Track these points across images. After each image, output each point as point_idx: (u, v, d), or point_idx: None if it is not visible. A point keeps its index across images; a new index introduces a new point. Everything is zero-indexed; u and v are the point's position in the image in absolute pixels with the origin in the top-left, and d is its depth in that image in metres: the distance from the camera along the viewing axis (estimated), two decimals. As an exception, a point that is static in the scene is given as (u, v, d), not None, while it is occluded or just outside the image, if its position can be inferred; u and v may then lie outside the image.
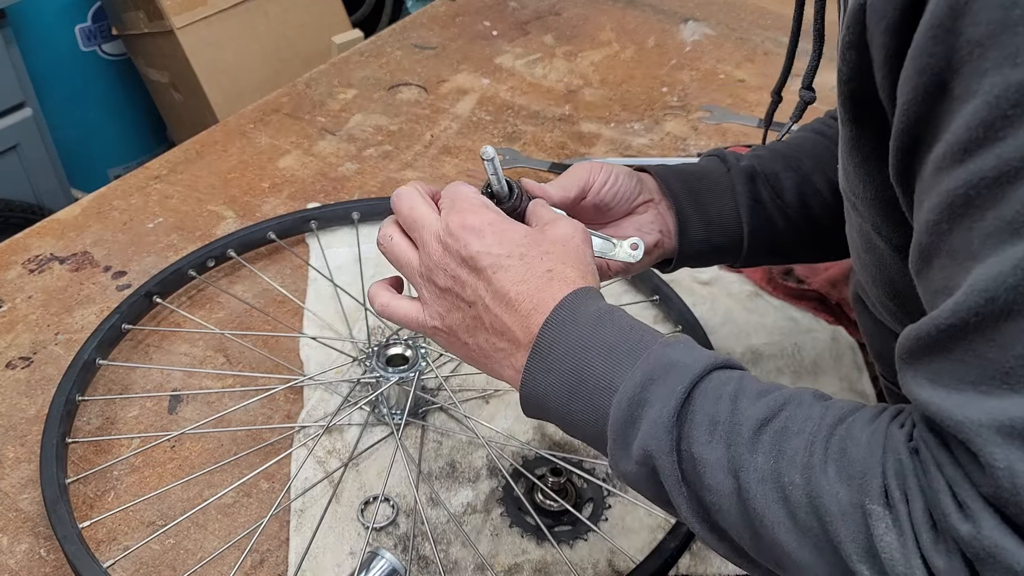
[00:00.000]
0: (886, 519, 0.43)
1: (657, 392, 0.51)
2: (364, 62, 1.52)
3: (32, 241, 1.12)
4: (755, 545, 0.49)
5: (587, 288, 0.57)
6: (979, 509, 0.40)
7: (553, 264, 0.58)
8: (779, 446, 0.48)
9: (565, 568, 0.77)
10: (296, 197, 1.20)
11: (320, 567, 0.77)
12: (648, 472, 0.52)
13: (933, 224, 0.43)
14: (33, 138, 2.02)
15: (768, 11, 1.66)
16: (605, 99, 1.41)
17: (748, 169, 0.77)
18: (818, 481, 0.45)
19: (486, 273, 0.57)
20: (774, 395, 0.50)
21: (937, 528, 0.42)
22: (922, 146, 0.44)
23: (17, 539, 0.80)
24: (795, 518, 0.46)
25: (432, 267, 0.60)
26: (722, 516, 0.50)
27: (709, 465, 0.49)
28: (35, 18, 2.18)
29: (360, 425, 0.88)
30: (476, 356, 0.60)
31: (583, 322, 0.55)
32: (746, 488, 0.48)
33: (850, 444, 0.46)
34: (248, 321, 1.01)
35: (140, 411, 0.91)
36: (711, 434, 0.49)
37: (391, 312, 0.63)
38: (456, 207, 0.60)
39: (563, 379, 0.55)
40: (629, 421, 0.52)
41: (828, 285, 1.00)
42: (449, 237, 0.59)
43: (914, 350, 0.44)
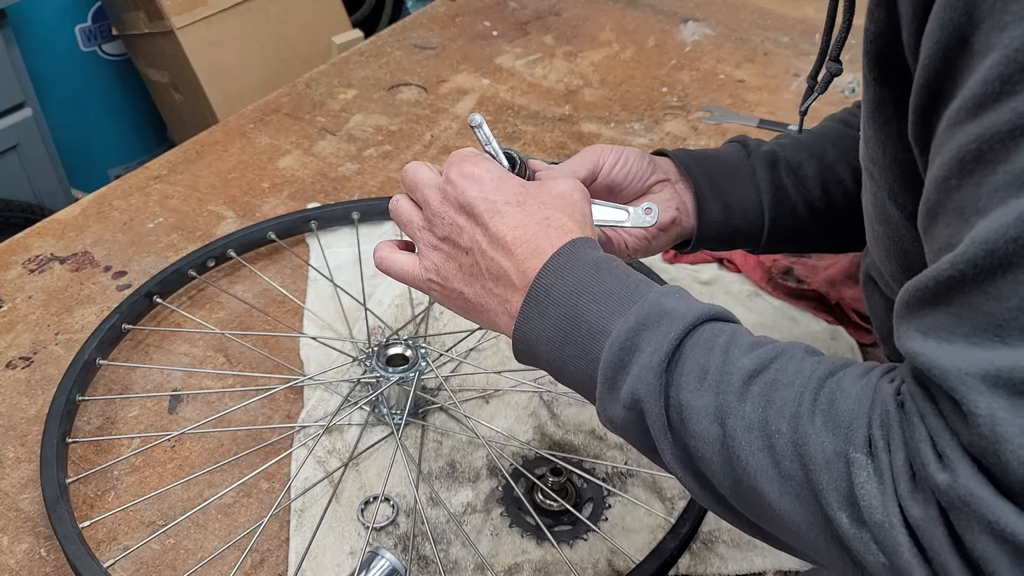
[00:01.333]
0: (868, 467, 0.43)
1: (649, 338, 0.51)
2: (364, 62, 1.52)
3: (32, 241, 1.12)
4: (735, 493, 0.49)
5: (586, 238, 0.58)
6: (957, 459, 0.40)
7: (551, 213, 0.59)
8: (768, 396, 0.48)
9: (565, 568, 0.77)
10: (296, 197, 1.20)
11: (320, 567, 0.77)
12: (635, 417, 0.52)
13: (942, 180, 0.43)
14: (33, 138, 2.02)
15: (768, 11, 1.66)
16: (605, 99, 1.41)
17: (770, 155, 0.77)
18: (804, 430, 0.46)
19: (483, 218, 0.58)
20: (766, 347, 0.50)
21: (916, 478, 0.42)
22: (940, 103, 0.44)
23: (17, 539, 0.80)
24: (779, 466, 0.46)
25: (431, 217, 0.61)
26: (705, 463, 0.50)
27: (696, 412, 0.49)
28: (35, 18, 2.18)
29: (360, 425, 0.88)
30: (471, 306, 0.60)
31: (580, 269, 0.55)
32: (732, 436, 0.48)
33: (839, 396, 0.46)
34: (248, 321, 1.01)
35: (140, 411, 0.91)
36: (700, 382, 0.50)
37: (388, 265, 0.65)
38: (455, 161, 0.62)
39: (557, 323, 0.55)
40: (619, 365, 0.52)
41: (827, 285, 1.00)
42: (448, 185, 0.61)
43: (910, 303, 0.44)
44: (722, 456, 0.49)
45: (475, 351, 0.97)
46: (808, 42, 1.56)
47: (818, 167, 0.78)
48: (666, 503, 0.82)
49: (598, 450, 0.87)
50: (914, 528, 0.42)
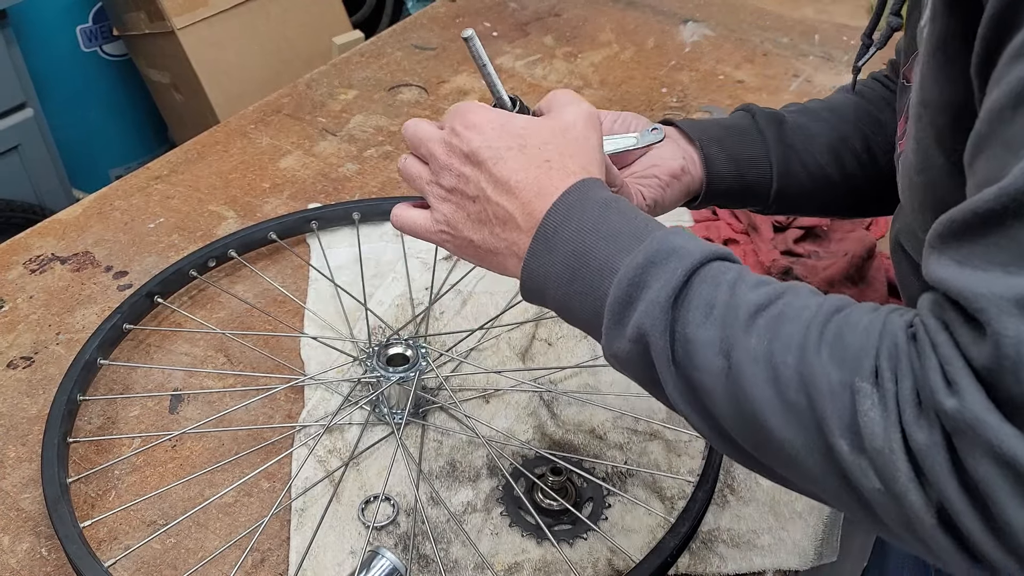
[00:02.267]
0: (872, 396, 0.44)
1: (657, 274, 0.52)
2: (365, 63, 1.52)
3: (33, 241, 1.12)
4: (738, 424, 0.50)
5: (593, 179, 0.59)
6: (967, 385, 0.41)
7: (551, 155, 0.60)
8: (774, 329, 0.48)
9: (565, 567, 0.77)
10: (297, 197, 1.20)
11: (321, 566, 0.77)
12: (640, 351, 0.53)
13: (996, 111, 0.43)
14: (34, 138, 2.03)
15: (767, 12, 1.66)
16: (605, 100, 1.41)
17: (776, 116, 0.80)
18: (810, 361, 0.46)
19: (487, 165, 0.60)
20: (773, 285, 0.51)
21: (922, 405, 0.43)
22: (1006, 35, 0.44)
23: (18, 538, 0.80)
24: (782, 396, 0.47)
25: (438, 170, 0.63)
26: (708, 396, 0.50)
27: (701, 345, 0.50)
28: (36, 19, 2.18)
29: (361, 424, 0.89)
30: (482, 253, 0.62)
31: (588, 208, 0.57)
32: (736, 367, 0.49)
33: (846, 329, 0.47)
34: (249, 321, 1.02)
35: (141, 411, 0.91)
36: (706, 317, 0.50)
37: (402, 222, 0.66)
38: (457, 113, 0.63)
39: (565, 260, 0.56)
40: (627, 301, 0.53)
41: (827, 285, 1.00)
42: (453, 137, 0.62)
43: (945, 234, 0.45)
44: (726, 388, 0.49)
45: (475, 351, 0.97)
46: (808, 42, 1.56)
47: (826, 129, 0.80)
48: (666, 503, 0.82)
49: (598, 450, 0.87)
50: (915, 453, 0.43)
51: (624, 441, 0.88)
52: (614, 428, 0.89)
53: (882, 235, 1.10)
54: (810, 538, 0.80)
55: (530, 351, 0.97)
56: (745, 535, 0.80)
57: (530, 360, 0.96)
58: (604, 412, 0.90)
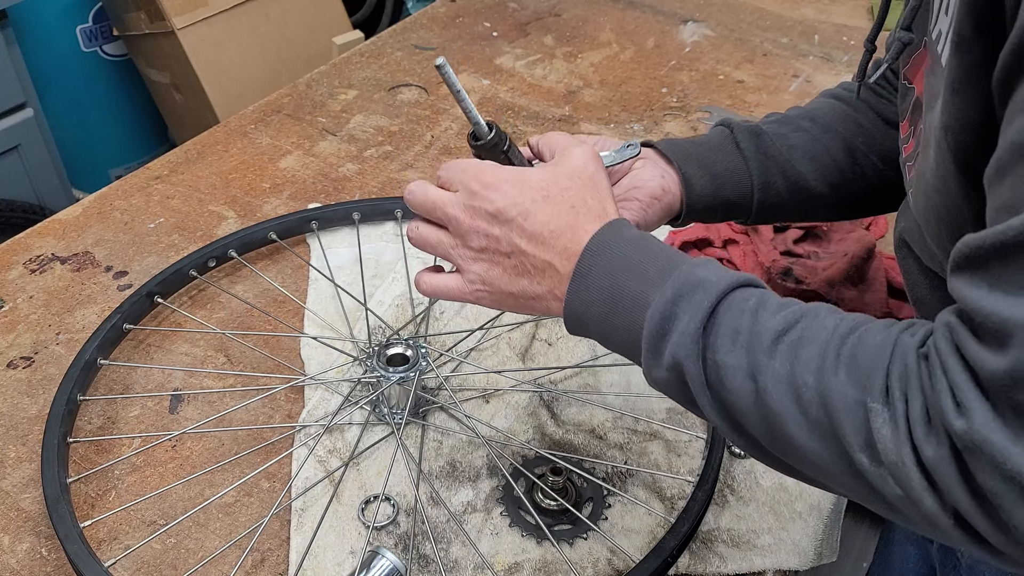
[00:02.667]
0: (883, 414, 0.48)
1: (686, 307, 0.56)
2: (365, 63, 1.52)
3: (33, 241, 1.13)
4: (770, 439, 0.54)
5: (619, 220, 0.63)
6: (975, 407, 0.44)
7: (575, 199, 0.63)
8: (795, 353, 0.52)
9: (565, 567, 0.77)
10: (297, 197, 1.20)
11: (321, 566, 0.77)
12: (677, 378, 0.57)
13: (1018, 145, 0.45)
14: (34, 138, 2.03)
15: (767, 12, 1.66)
16: (605, 100, 1.42)
17: (753, 128, 0.81)
18: (828, 382, 0.50)
19: (516, 222, 0.62)
20: (792, 309, 0.55)
21: (931, 423, 0.46)
22: None
23: (19, 538, 0.80)
24: (806, 414, 0.51)
25: (463, 234, 0.64)
26: (741, 414, 0.55)
27: (731, 370, 0.54)
28: (36, 19, 2.18)
29: (361, 424, 0.89)
30: (523, 302, 0.65)
31: (617, 248, 0.61)
32: (764, 389, 0.53)
33: (860, 350, 0.50)
34: (249, 321, 1.02)
35: (141, 411, 0.91)
36: (733, 343, 0.54)
37: (434, 289, 0.68)
38: (468, 174, 0.64)
39: (602, 297, 0.60)
40: (660, 333, 0.57)
41: (826, 286, 1.00)
42: (472, 200, 0.63)
43: (973, 257, 0.47)
44: (756, 408, 0.53)
45: (475, 351, 0.97)
46: (807, 43, 1.56)
47: (806, 140, 0.81)
48: (666, 503, 0.82)
49: (598, 450, 0.87)
50: (927, 466, 0.46)
51: (624, 441, 0.88)
52: (614, 428, 0.89)
53: (882, 235, 1.10)
54: (810, 538, 0.80)
55: (530, 351, 0.97)
56: (745, 535, 0.80)
57: (530, 360, 0.97)
58: (604, 412, 0.90)
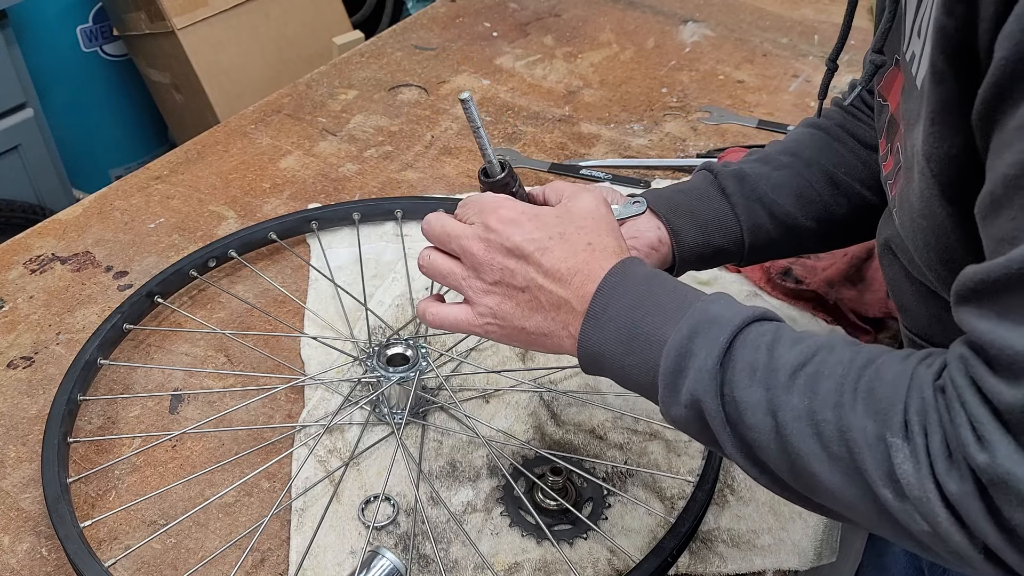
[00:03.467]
0: (904, 450, 0.48)
1: (702, 343, 0.56)
2: (365, 63, 1.52)
3: (34, 241, 1.13)
4: (792, 475, 0.54)
5: (632, 258, 0.63)
6: (996, 441, 0.44)
7: (591, 237, 0.64)
8: (812, 388, 0.52)
9: (565, 567, 0.77)
10: (297, 197, 1.20)
11: (321, 566, 0.77)
12: (696, 415, 0.56)
13: (1011, 178, 0.45)
14: (35, 138, 2.03)
15: (767, 12, 1.66)
16: (605, 100, 1.42)
17: (736, 172, 0.81)
18: (847, 417, 0.50)
19: (534, 257, 0.62)
20: (807, 343, 0.55)
21: (952, 457, 0.46)
22: (1011, 100, 0.45)
23: (19, 538, 0.80)
24: (827, 450, 0.51)
25: (477, 266, 0.64)
26: (762, 451, 0.54)
27: (750, 406, 0.54)
28: (36, 19, 2.18)
29: (361, 424, 0.89)
30: (533, 337, 0.64)
31: (632, 285, 0.60)
32: (783, 425, 0.52)
33: (877, 384, 0.50)
34: (249, 321, 1.02)
35: (141, 411, 0.91)
36: (751, 379, 0.54)
37: (441, 320, 0.67)
38: (486, 208, 0.65)
39: (617, 336, 0.60)
40: (677, 370, 0.57)
41: (826, 285, 1.00)
42: (490, 234, 0.64)
43: (978, 290, 0.47)
44: (777, 444, 0.53)
45: (475, 351, 0.97)
46: (807, 43, 1.56)
47: (789, 177, 0.81)
48: (666, 503, 0.83)
49: (598, 450, 0.87)
50: (951, 501, 0.46)
51: (624, 441, 0.88)
52: (614, 428, 0.89)
53: (882, 235, 1.10)
54: (810, 538, 0.80)
55: (530, 351, 0.97)
56: (745, 535, 0.80)
57: (530, 360, 0.97)
58: (604, 412, 0.90)
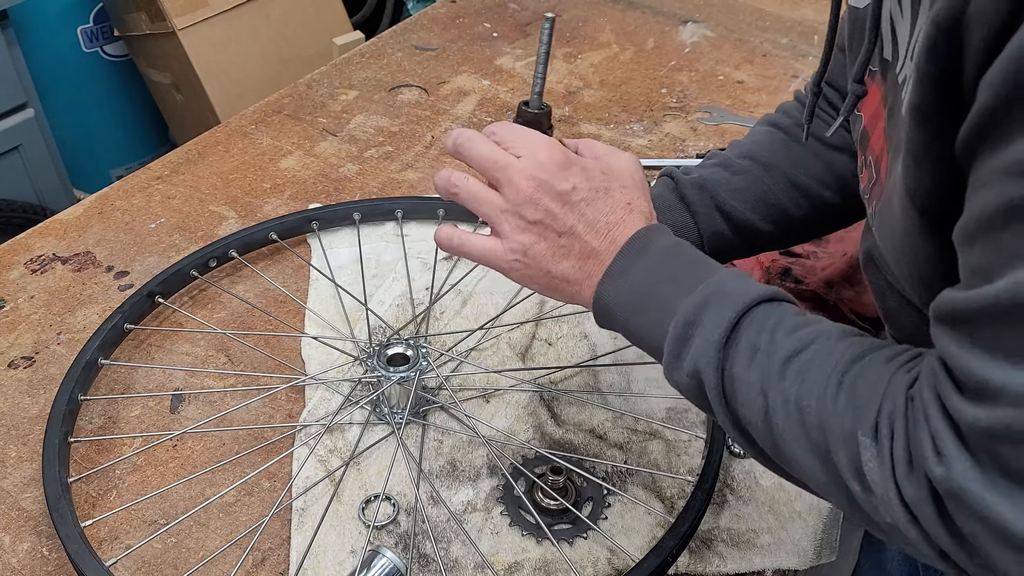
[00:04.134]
0: (871, 449, 0.50)
1: (710, 316, 0.58)
2: (365, 63, 1.52)
3: (34, 241, 1.13)
4: (775, 452, 0.57)
5: (660, 225, 0.66)
6: (954, 456, 0.46)
7: (631, 197, 0.67)
8: (803, 375, 0.55)
9: (565, 566, 0.77)
10: (297, 198, 1.20)
11: (321, 565, 0.78)
12: (696, 384, 0.59)
13: (987, 217, 0.45)
14: (35, 139, 2.03)
15: (767, 13, 1.66)
16: (605, 100, 1.42)
17: (696, 180, 0.83)
18: (829, 409, 0.53)
19: (580, 206, 0.65)
20: (808, 329, 0.57)
21: (912, 465, 0.49)
22: (992, 137, 0.45)
23: (19, 538, 0.80)
24: (808, 436, 0.54)
25: (522, 202, 0.65)
26: (751, 427, 0.58)
27: (745, 384, 0.57)
28: (37, 19, 2.18)
29: (361, 424, 0.89)
30: (556, 282, 0.66)
31: (655, 251, 0.63)
32: (772, 407, 0.55)
33: (860, 381, 0.53)
34: (250, 321, 1.02)
35: (142, 410, 0.92)
36: (751, 359, 0.57)
37: (468, 248, 0.69)
38: (536, 146, 0.66)
39: (632, 296, 0.63)
40: (683, 339, 0.59)
41: (825, 286, 1.00)
42: (543, 173, 0.65)
43: (952, 316, 0.48)
44: (764, 423, 0.56)
45: (475, 351, 0.97)
46: (807, 43, 1.56)
47: (748, 182, 0.82)
48: (665, 502, 0.83)
49: (598, 449, 0.87)
50: (908, 503, 0.49)
51: (624, 441, 0.88)
52: (614, 428, 0.89)
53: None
54: (809, 538, 0.80)
55: (530, 351, 0.97)
56: (745, 535, 0.80)
57: (530, 360, 0.97)
58: (604, 412, 0.90)
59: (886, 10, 0.61)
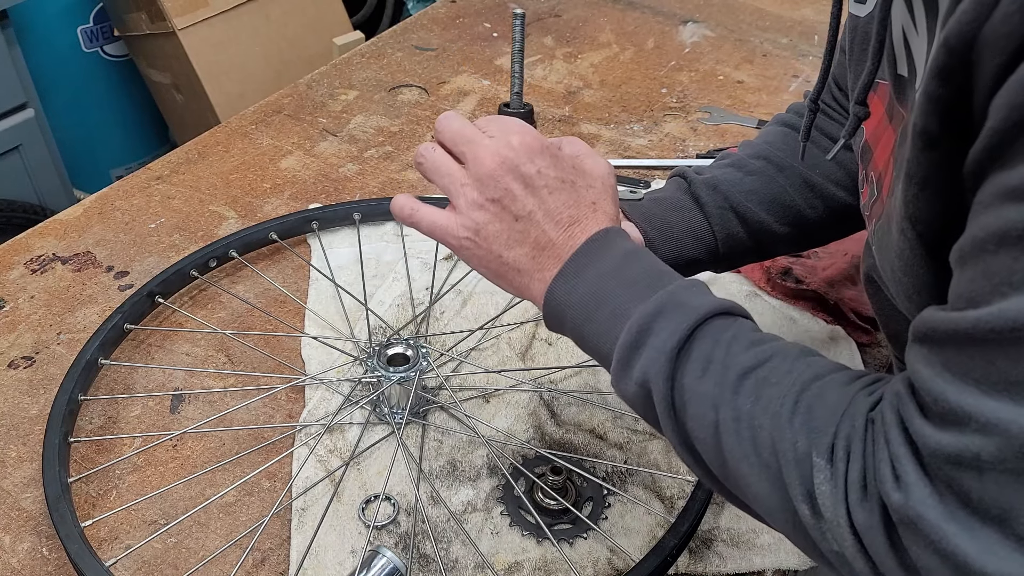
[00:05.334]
0: (826, 471, 0.48)
1: (663, 324, 0.56)
2: (365, 63, 1.52)
3: (34, 241, 1.13)
4: (723, 471, 0.55)
5: (619, 228, 0.63)
6: (913, 483, 0.44)
7: (597, 197, 0.64)
8: (757, 392, 0.53)
9: (565, 566, 0.77)
10: (297, 198, 1.20)
11: (321, 566, 0.78)
12: (644, 394, 0.57)
13: (980, 240, 0.44)
14: (35, 139, 2.03)
15: (767, 13, 1.66)
16: (605, 100, 1.42)
17: (709, 180, 0.81)
18: (782, 429, 0.51)
19: (541, 192, 0.62)
20: (764, 347, 0.55)
21: (866, 489, 0.47)
22: (999, 162, 0.44)
23: (19, 538, 0.80)
24: (758, 455, 0.52)
25: (482, 178, 0.62)
26: (699, 443, 0.55)
27: (696, 397, 0.54)
28: (37, 19, 2.18)
29: (361, 424, 0.89)
30: (506, 270, 0.63)
31: (612, 254, 0.60)
32: (723, 423, 0.53)
33: (818, 402, 0.51)
34: (250, 321, 1.02)
35: (142, 410, 0.92)
36: (703, 371, 0.54)
37: (419, 218, 0.65)
38: (510, 129, 0.63)
39: (584, 300, 0.60)
40: (634, 346, 0.57)
41: (826, 285, 1.00)
42: (509, 151, 0.62)
43: (930, 336, 0.46)
44: (714, 439, 0.54)
45: (475, 351, 0.97)
46: (807, 43, 1.56)
47: (761, 183, 0.81)
48: (665, 502, 0.83)
49: (598, 449, 0.87)
50: (858, 530, 0.47)
51: (624, 441, 0.88)
52: (614, 428, 0.89)
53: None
54: (809, 538, 0.80)
55: (530, 351, 0.97)
56: (745, 534, 0.80)
57: (530, 360, 0.97)
58: (604, 412, 0.90)
59: (897, 27, 0.59)
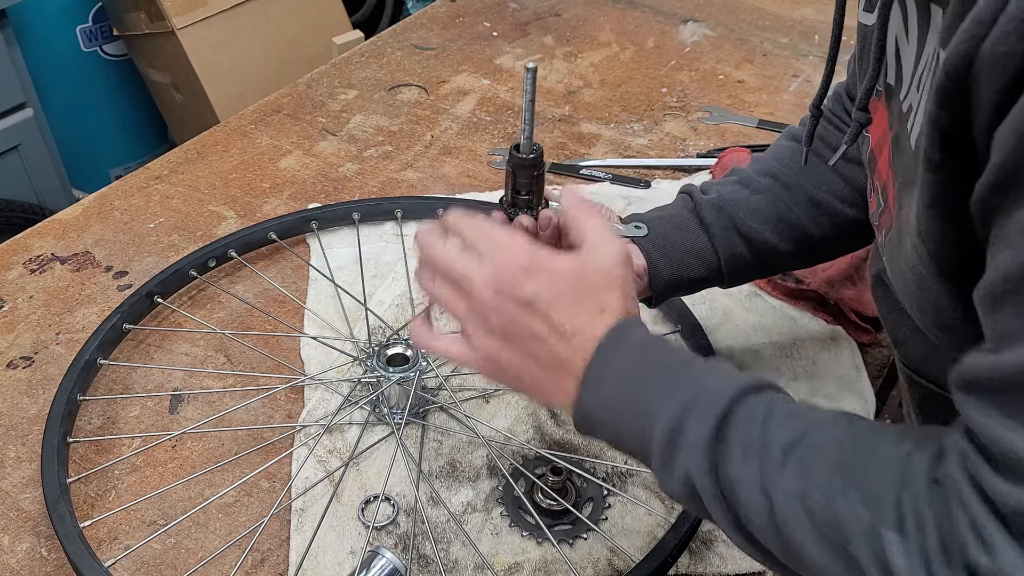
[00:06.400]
0: (898, 544, 0.46)
1: (694, 419, 0.55)
2: (365, 63, 1.52)
3: (33, 241, 1.13)
4: (784, 553, 0.53)
5: (632, 319, 0.61)
6: (999, 544, 0.42)
7: (602, 299, 0.61)
8: (805, 468, 0.51)
9: (565, 567, 0.77)
10: (297, 197, 1.20)
11: (321, 566, 0.77)
12: (690, 491, 0.56)
13: (1012, 277, 0.43)
14: (34, 138, 2.03)
15: (767, 12, 1.66)
16: (605, 100, 1.42)
17: (716, 200, 0.81)
18: (840, 504, 0.49)
19: (543, 311, 0.60)
20: (798, 419, 0.54)
21: (948, 555, 0.45)
22: (1009, 198, 0.44)
23: (18, 538, 0.80)
24: (820, 533, 0.50)
25: (484, 311, 0.61)
26: (755, 528, 0.53)
27: (744, 484, 0.53)
28: (36, 19, 2.18)
29: (361, 424, 0.89)
30: (528, 386, 0.62)
31: (627, 353, 0.59)
32: (777, 505, 0.51)
33: (870, 471, 0.49)
34: (249, 321, 1.02)
35: (141, 411, 0.91)
36: (744, 456, 0.53)
37: (434, 350, 0.66)
38: (497, 247, 0.61)
39: (610, 404, 0.59)
40: (670, 446, 0.55)
41: (827, 285, 1.00)
42: (502, 279, 0.60)
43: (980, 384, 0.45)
44: (770, 523, 0.52)
45: (475, 351, 0.97)
46: (807, 43, 1.56)
47: (767, 202, 0.81)
48: (665, 502, 0.82)
49: (598, 450, 0.87)
50: None
51: (624, 441, 0.88)
52: (614, 428, 0.89)
53: (882, 235, 1.10)
54: (810, 538, 0.80)
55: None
56: (745, 535, 0.80)
57: (530, 360, 0.96)
58: (604, 412, 0.90)
59: (892, 34, 0.59)
